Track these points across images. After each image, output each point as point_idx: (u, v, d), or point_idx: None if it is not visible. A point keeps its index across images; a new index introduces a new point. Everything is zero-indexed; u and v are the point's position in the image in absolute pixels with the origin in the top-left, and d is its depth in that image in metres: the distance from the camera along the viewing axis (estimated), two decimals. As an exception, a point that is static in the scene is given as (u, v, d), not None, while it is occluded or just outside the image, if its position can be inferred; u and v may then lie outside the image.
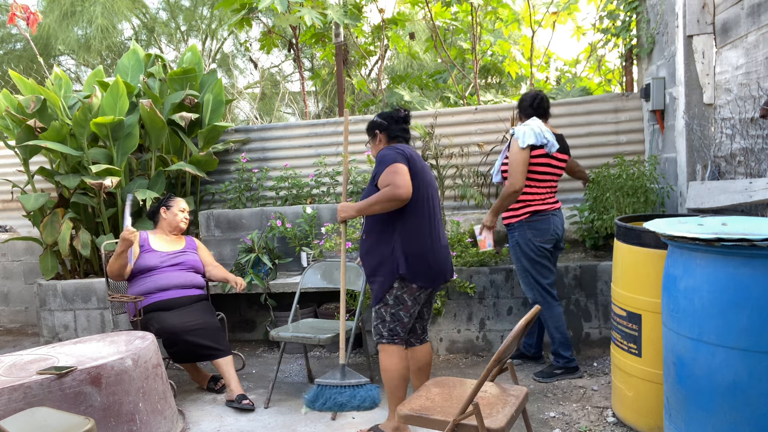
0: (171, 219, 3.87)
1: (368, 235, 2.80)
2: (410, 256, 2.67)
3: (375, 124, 2.94)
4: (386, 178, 2.64)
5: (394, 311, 2.72)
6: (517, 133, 3.37)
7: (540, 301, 3.45)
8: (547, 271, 3.45)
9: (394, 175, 2.62)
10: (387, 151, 2.72)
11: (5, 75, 9.19)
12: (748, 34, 3.02)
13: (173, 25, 10.94)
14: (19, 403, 2.37)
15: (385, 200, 2.62)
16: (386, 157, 2.69)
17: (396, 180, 2.60)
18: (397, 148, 2.74)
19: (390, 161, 2.66)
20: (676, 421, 2.14)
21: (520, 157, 3.33)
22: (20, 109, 4.66)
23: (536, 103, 3.52)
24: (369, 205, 2.69)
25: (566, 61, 6.40)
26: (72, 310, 4.66)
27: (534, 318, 2.20)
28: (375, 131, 2.93)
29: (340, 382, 2.85)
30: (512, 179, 3.35)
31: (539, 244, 3.40)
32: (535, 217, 3.40)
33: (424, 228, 2.72)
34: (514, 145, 3.37)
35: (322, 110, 9.15)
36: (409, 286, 2.69)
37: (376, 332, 2.77)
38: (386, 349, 2.74)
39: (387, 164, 2.65)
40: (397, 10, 6.31)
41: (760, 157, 2.94)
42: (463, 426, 2.03)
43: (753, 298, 1.85)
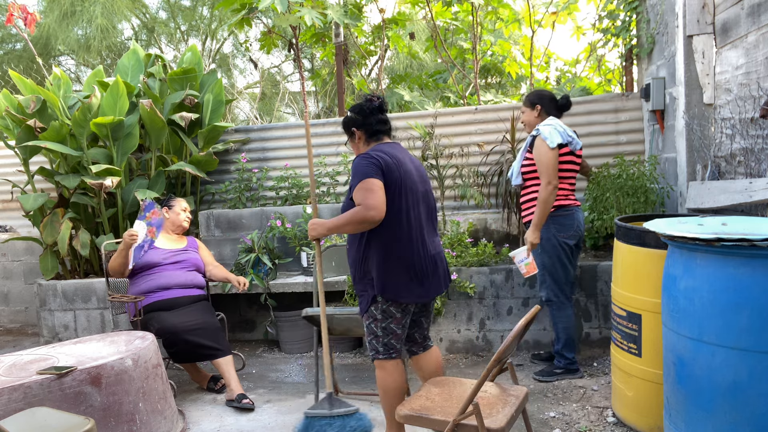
0: (174, 218, 3.90)
1: (350, 247, 2.63)
2: (389, 273, 2.48)
3: (349, 121, 2.67)
4: (358, 195, 2.43)
5: (384, 325, 2.54)
6: (543, 133, 3.33)
7: (553, 300, 3.44)
8: (565, 269, 3.43)
9: (365, 193, 2.41)
10: (360, 161, 2.49)
11: (5, 75, 9.19)
12: (748, 34, 3.01)
13: (173, 25, 10.94)
14: (19, 403, 2.37)
15: (356, 222, 2.42)
16: (359, 169, 2.46)
17: (367, 200, 2.39)
18: (371, 156, 2.49)
19: (362, 175, 2.44)
20: (676, 421, 2.14)
21: (551, 157, 3.29)
22: (20, 109, 4.66)
23: (561, 103, 3.52)
24: (340, 225, 2.51)
25: (566, 61, 6.40)
26: (72, 310, 4.66)
27: (534, 318, 2.20)
28: (351, 129, 2.67)
29: (330, 412, 2.72)
30: (547, 179, 3.28)
31: (563, 239, 3.39)
32: (561, 211, 3.39)
33: (403, 240, 2.50)
34: (542, 145, 3.32)
35: (321, 110, 9.16)
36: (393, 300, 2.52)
37: (371, 348, 2.61)
38: (384, 366, 2.57)
39: (359, 179, 2.44)
40: (397, 10, 6.31)
41: (760, 157, 2.94)
42: (463, 426, 2.03)
43: (753, 298, 1.85)
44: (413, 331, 2.71)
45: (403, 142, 4.93)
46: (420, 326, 2.71)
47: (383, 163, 2.47)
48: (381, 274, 2.48)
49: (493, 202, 4.77)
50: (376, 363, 2.60)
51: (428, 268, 2.54)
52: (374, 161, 2.47)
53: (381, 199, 2.40)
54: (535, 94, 3.57)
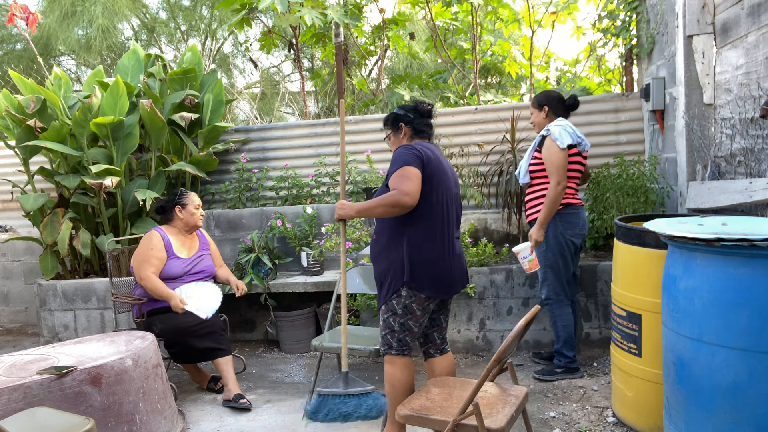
0: (188, 218, 3.74)
1: (379, 237, 2.66)
2: (417, 264, 2.53)
3: (399, 117, 2.75)
4: (394, 181, 2.49)
5: (403, 321, 2.57)
6: (554, 133, 3.34)
7: (553, 298, 3.45)
8: (567, 267, 3.45)
9: (402, 179, 2.47)
10: (402, 150, 2.55)
11: (5, 75, 9.19)
12: (748, 34, 3.01)
13: (173, 25, 10.95)
14: (19, 403, 2.37)
15: (389, 205, 2.46)
16: (400, 158, 2.53)
17: (403, 185, 2.45)
18: (414, 148, 2.56)
19: (402, 163, 2.50)
20: (676, 421, 2.14)
21: (561, 158, 3.31)
22: (20, 109, 4.66)
23: (569, 103, 3.53)
24: (371, 207, 2.53)
25: (566, 61, 6.40)
26: (72, 310, 4.66)
27: (534, 318, 2.20)
28: (399, 123, 2.74)
29: (345, 390, 2.64)
30: (556, 179, 3.30)
31: (569, 237, 3.40)
32: (568, 209, 3.40)
33: (435, 235, 2.56)
34: (552, 146, 3.33)
35: (322, 110, 9.15)
36: (417, 295, 2.55)
37: (384, 342, 2.63)
38: (395, 361, 2.60)
39: (398, 166, 2.50)
40: (397, 10, 6.31)
41: (760, 157, 2.93)
42: (463, 426, 2.03)
43: (753, 298, 1.85)
44: (433, 330, 2.74)
45: (403, 142, 4.93)
46: (440, 326, 2.75)
47: (424, 156, 2.53)
48: (410, 263, 2.52)
49: (493, 202, 4.77)
50: (387, 358, 2.62)
51: (453, 266, 2.61)
52: (416, 152, 2.53)
53: (416, 187, 2.46)
54: (543, 96, 3.57)
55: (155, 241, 3.60)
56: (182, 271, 3.62)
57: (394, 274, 2.55)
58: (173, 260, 3.62)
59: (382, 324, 2.63)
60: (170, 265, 3.60)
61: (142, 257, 3.56)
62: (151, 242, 3.60)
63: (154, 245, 3.59)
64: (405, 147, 2.57)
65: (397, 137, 2.77)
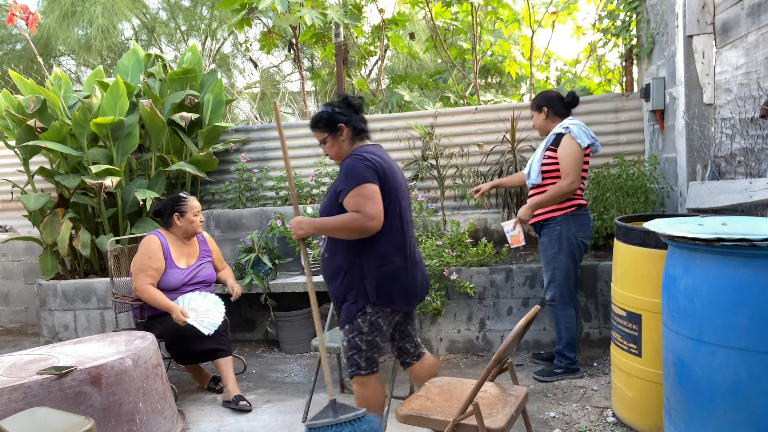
0: (187, 227, 3.59)
1: (332, 255, 2.46)
2: (382, 279, 2.38)
3: (336, 116, 2.46)
4: (355, 201, 2.28)
5: (370, 338, 2.42)
6: (574, 131, 3.32)
7: (558, 300, 3.45)
8: (576, 269, 3.46)
9: (364, 200, 2.27)
10: (356, 163, 2.34)
11: (5, 75, 9.19)
12: (748, 34, 3.01)
13: (173, 25, 10.95)
14: (19, 403, 2.37)
15: (353, 230, 2.30)
16: (355, 173, 2.31)
17: (367, 208, 2.26)
18: (366, 159, 2.35)
19: (360, 180, 2.30)
20: (676, 421, 2.14)
21: (579, 156, 3.31)
22: (20, 109, 4.66)
23: (568, 100, 3.51)
24: (332, 228, 2.36)
25: (566, 61, 6.40)
26: (72, 310, 4.66)
27: (534, 318, 2.20)
28: (338, 124, 2.46)
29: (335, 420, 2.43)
30: (572, 177, 3.28)
31: (581, 239, 3.40)
32: (581, 210, 3.40)
33: (397, 246, 2.41)
34: (572, 143, 3.30)
35: (322, 110, 9.13)
36: (383, 310, 2.41)
37: (351, 363, 2.46)
38: (365, 382, 2.46)
39: (355, 182, 2.30)
40: (397, 10, 6.31)
41: (760, 157, 2.93)
42: (463, 426, 2.03)
43: (753, 298, 1.85)
44: (404, 342, 2.64)
45: (403, 142, 4.93)
46: (408, 336, 2.64)
47: (379, 167, 2.36)
48: (376, 281, 2.37)
49: (493, 202, 4.77)
50: (356, 380, 2.47)
51: (416, 275, 2.50)
52: (370, 164, 2.34)
53: (380, 208, 2.30)
54: (541, 97, 3.55)
55: (153, 248, 3.50)
56: (180, 282, 3.53)
57: (357, 293, 2.40)
58: (171, 270, 3.52)
59: (346, 345, 2.47)
60: (168, 275, 3.51)
61: (139, 266, 3.47)
62: (149, 249, 3.49)
63: (152, 253, 3.48)
64: (357, 158, 2.36)
65: (335, 140, 2.49)
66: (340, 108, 2.49)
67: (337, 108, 2.49)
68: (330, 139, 2.49)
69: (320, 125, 2.49)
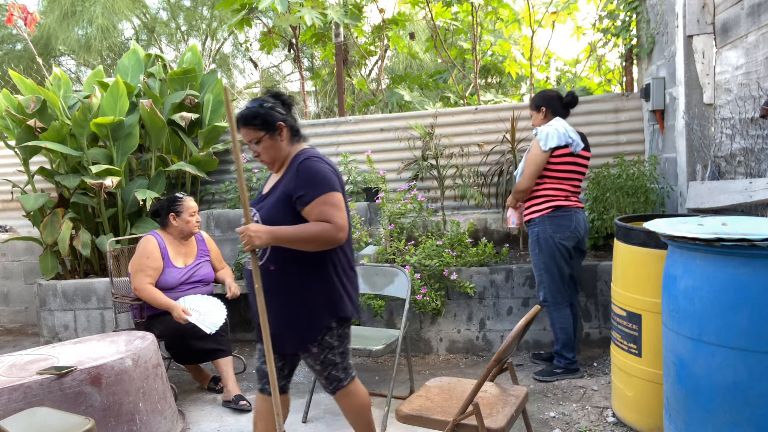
0: (183, 226, 3.57)
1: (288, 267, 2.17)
2: (347, 290, 2.25)
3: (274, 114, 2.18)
4: (323, 210, 2.09)
5: (342, 349, 2.28)
6: (540, 134, 3.38)
7: (550, 300, 3.45)
8: (561, 269, 3.43)
9: (333, 210, 2.10)
10: (320, 166, 2.14)
11: (5, 75, 9.19)
12: (748, 34, 3.01)
13: (173, 25, 10.96)
14: (19, 403, 2.37)
15: (323, 243, 2.10)
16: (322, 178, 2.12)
17: (337, 218, 2.09)
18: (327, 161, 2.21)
19: (328, 186, 2.12)
20: (676, 421, 2.14)
21: (537, 159, 3.38)
22: (20, 109, 4.66)
23: (567, 100, 3.53)
24: (298, 239, 2.09)
25: (566, 61, 6.41)
26: (72, 310, 4.66)
27: (534, 318, 2.20)
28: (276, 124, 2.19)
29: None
30: (522, 179, 3.44)
31: (559, 240, 3.38)
32: (558, 212, 3.39)
33: (349, 254, 2.29)
34: (535, 146, 3.39)
35: (322, 110, 9.16)
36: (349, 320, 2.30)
37: (331, 380, 2.29)
38: (349, 391, 2.32)
39: (323, 189, 2.11)
40: (397, 10, 6.31)
41: (760, 157, 2.93)
42: (463, 426, 2.03)
43: (753, 298, 1.85)
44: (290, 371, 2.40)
45: (403, 142, 4.93)
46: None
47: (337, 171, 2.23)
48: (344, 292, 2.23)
49: (493, 202, 4.77)
50: (340, 394, 2.32)
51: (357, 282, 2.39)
52: (333, 170, 2.19)
53: (347, 218, 2.15)
54: (539, 97, 3.57)
55: (151, 248, 3.50)
56: (177, 281, 3.53)
57: (324, 309, 2.19)
58: (169, 270, 3.52)
59: (318, 367, 2.26)
60: (166, 275, 3.51)
61: (138, 266, 3.48)
62: (147, 250, 3.50)
63: (150, 253, 3.49)
64: (318, 161, 2.17)
65: (273, 141, 2.20)
66: (273, 104, 2.21)
67: (271, 104, 2.21)
68: (267, 140, 2.19)
69: (256, 123, 2.17)
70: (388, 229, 4.34)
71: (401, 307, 3.98)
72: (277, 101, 2.24)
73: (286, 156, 2.25)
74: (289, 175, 2.19)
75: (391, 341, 3.11)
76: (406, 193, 4.45)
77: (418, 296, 3.90)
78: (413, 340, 4.09)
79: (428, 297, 3.93)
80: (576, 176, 3.46)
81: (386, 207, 4.38)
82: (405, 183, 4.89)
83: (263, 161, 2.26)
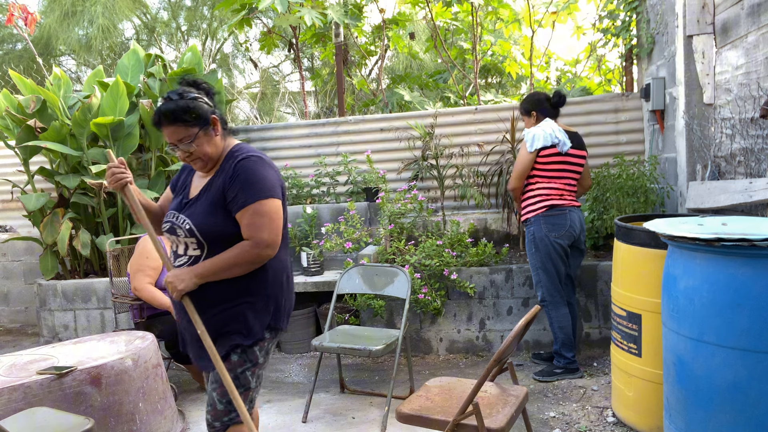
0: None
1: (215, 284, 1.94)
2: (280, 299, 2.03)
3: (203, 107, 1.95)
4: (253, 221, 1.87)
5: (261, 371, 2.03)
6: (526, 136, 3.44)
7: (548, 300, 3.45)
8: (558, 268, 3.44)
9: (265, 221, 1.88)
10: (261, 168, 1.93)
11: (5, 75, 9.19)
12: (748, 34, 3.01)
13: (174, 25, 10.96)
14: (19, 403, 2.37)
15: (248, 263, 1.89)
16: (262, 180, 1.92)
17: (264, 233, 1.88)
18: (269, 162, 2.00)
19: (267, 192, 1.90)
20: (676, 421, 2.14)
21: (524, 160, 3.45)
22: (20, 109, 4.66)
23: (555, 101, 3.55)
24: (221, 269, 1.89)
25: (566, 61, 6.40)
26: (72, 310, 4.66)
27: (534, 318, 2.20)
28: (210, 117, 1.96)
29: None
30: (515, 176, 3.51)
31: (554, 239, 3.40)
32: (552, 211, 3.41)
33: (287, 260, 2.09)
34: (522, 147, 3.48)
35: (322, 110, 9.16)
36: (278, 333, 2.07)
37: (229, 409, 1.96)
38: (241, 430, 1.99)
39: (261, 194, 1.89)
40: (397, 10, 6.31)
41: (760, 157, 2.93)
42: (463, 426, 2.03)
43: (753, 298, 1.85)
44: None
45: (403, 142, 4.93)
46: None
47: (278, 172, 2.03)
48: (276, 302, 2.01)
49: (493, 202, 4.77)
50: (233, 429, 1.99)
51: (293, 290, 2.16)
52: (273, 171, 1.99)
53: (280, 229, 1.94)
54: (528, 101, 3.62)
55: (150, 248, 3.51)
56: None
57: (254, 318, 1.96)
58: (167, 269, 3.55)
59: (224, 389, 1.93)
60: (164, 275, 3.52)
61: (137, 266, 3.49)
62: (146, 249, 3.51)
63: (149, 253, 3.49)
64: (259, 160, 1.96)
65: (208, 137, 1.95)
66: (198, 95, 1.96)
67: (195, 94, 1.95)
68: (202, 136, 1.93)
69: (189, 118, 1.90)
70: (388, 229, 4.34)
71: (401, 307, 3.98)
72: (200, 91, 1.99)
73: (220, 153, 2.01)
74: (223, 175, 1.95)
75: (391, 341, 3.11)
76: (406, 193, 4.45)
77: (419, 296, 3.90)
78: (413, 340, 4.09)
79: (428, 297, 3.93)
80: (569, 175, 3.47)
81: (386, 207, 4.39)
82: (405, 183, 4.89)
83: (196, 162, 1.98)
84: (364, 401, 3.36)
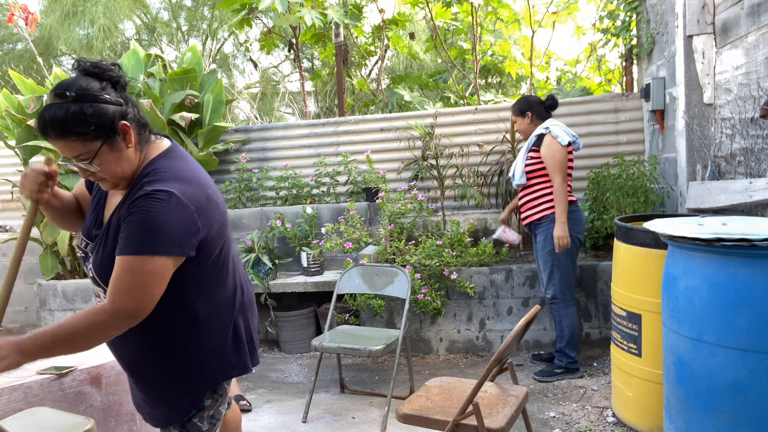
0: None
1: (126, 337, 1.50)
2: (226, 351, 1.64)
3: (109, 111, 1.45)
4: (124, 280, 1.41)
5: (213, 412, 1.65)
6: (554, 131, 3.41)
7: (559, 297, 3.46)
8: (574, 265, 3.50)
9: (138, 285, 1.41)
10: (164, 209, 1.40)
11: (5, 75, 9.20)
12: (748, 34, 3.01)
13: (174, 26, 10.96)
14: (19, 403, 2.37)
15: (99, 334, 1.43)
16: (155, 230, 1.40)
17: (130, 299, 1.41)
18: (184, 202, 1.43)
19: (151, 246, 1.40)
20: (676, 421, 2.13)
21: (563, 155, 3.39)
22: (20, 109, 4.66)
23: (549, 104, 3.59)
24: (57, 343, 1.41)
25: (566, 61, 6.40)
26: (72, 310, 4.66)
27: (534, 318, 2.20)
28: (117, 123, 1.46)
29: None
30: (560, 175, 3.33)
31: (575, 234, 3.43)
32: (572, 207, 3.43)
33: (230, 290, 1.64)
34: (554, 143, 3.38)
35: (322, 110, 9.16)
36: (225, 389, 1.70)
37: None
38: None
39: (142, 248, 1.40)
40: (397, 10, 6.31)
41: (760, 157, 2.93)
42: (463, 426, 2.03)
43: (753, 298, 1.85)
44: None
45: (403, 142, 4.93)
46: None
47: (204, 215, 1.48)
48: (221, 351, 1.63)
49: (493, 202, 4.77)
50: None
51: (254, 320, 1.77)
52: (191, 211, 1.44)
53: (156, 295, 1.44)
54: (522, 102, 3.63)
55: None
56: None
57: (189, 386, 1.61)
58: None
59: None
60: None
61: None
62: None
63: None
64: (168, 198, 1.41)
65: (116, 152, 1.47)
66: (99, 91, 1.43)
67: (95, 92, 1.42)
68: (107, 151, 1.45)
69: (85, 130, 1.41)
70: (388, 229, 4.34)
71: (401, 307, 3.99)
72: (103, 81, 1.45)
73: (136, 167, 1.52)
74: (127, 205, 1.46)
75: (391, 341, 3.12)
76: (406, 193, 4.45)
77: (419, 296, 3.90)
78: (413, 340, 4.09)
79: (429, 297, 3.93)
80: (571, 172, 3.55)
81: (386, 207, 4.39)
82: (405, 183, 4.89)
83: (103, 182, 1.53)
84: (364, 401, 3.37)
